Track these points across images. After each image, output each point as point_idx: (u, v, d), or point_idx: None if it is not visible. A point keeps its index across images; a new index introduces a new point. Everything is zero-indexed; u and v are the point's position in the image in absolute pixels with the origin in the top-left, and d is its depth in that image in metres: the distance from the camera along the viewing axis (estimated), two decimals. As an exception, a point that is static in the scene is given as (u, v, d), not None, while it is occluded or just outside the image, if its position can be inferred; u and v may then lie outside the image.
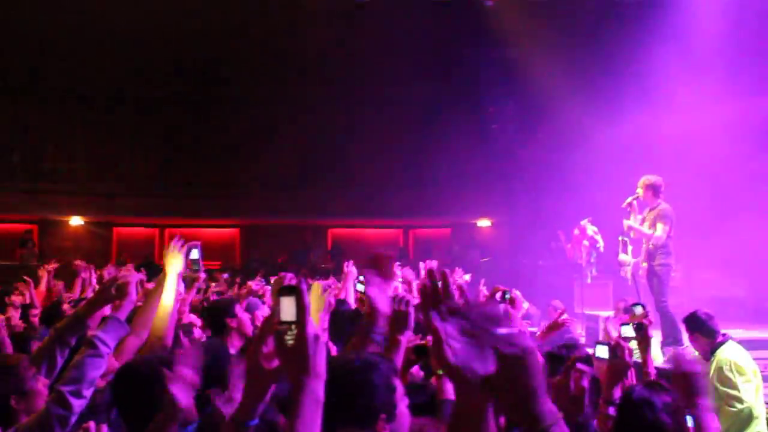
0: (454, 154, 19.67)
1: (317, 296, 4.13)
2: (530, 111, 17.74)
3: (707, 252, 11.39)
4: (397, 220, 22.39)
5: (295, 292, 1.77)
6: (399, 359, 2.79)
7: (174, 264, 4.06)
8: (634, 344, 6.92)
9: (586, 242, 13.03)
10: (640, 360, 4.37)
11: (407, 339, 2.86)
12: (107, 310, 3.56)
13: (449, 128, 19.80)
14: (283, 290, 1.80)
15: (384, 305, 2.68)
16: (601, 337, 8.86)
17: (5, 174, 20.31)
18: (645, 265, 8.49)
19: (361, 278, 7.23)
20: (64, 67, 19.75)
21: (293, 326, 1.75)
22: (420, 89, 19.82)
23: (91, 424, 2.62)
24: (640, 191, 8.48)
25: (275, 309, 1.81)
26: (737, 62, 11.97)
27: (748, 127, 12.23)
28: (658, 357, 7.24)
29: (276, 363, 1.84)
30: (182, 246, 4.16)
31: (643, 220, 8.51)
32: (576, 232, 13.28)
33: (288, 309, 1.77)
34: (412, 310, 2.80)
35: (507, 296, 5.11)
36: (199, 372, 2.57)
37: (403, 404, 2.38)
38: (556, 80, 15.12)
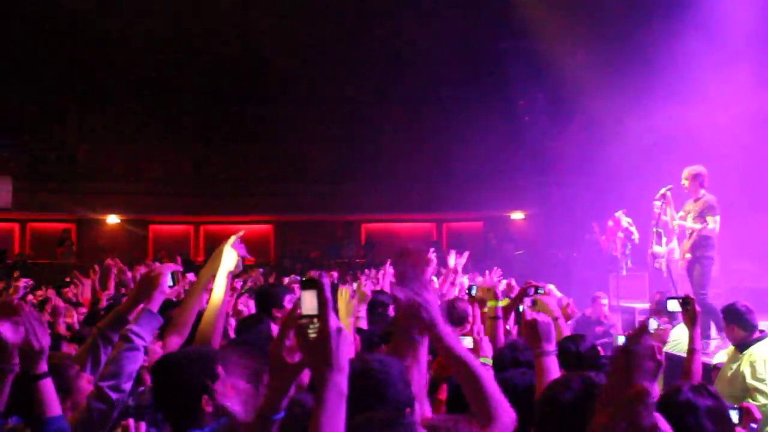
0: (486, 147, 19.60)
1: (345, 302, 4.17)
2: (561, 103, 17.63)
3: (742, 243, 11.25)
4: (430, 214, 22.39)
5: (317, 285, 1.74)
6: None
7: (227, 261, 3.85)
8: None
9: (620, 234, 12.95)
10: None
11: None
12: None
13: (481, 122, 19.74)
14: (304, 284, 1.77)
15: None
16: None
17: (43, 174, 20.66)
18: (689, 256, 8.36)
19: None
20: (101, 67, 20.01)
21: (315, 320, 1.73)
22: (451, 83, 19.78)
23: (131, 421, 2.65)
24: (686, 182, 8.33)
25: (297, 303, 1.77)
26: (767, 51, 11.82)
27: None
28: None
29: (299, 356, 1.82)
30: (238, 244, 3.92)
31: (686, 213, 8.41)
32: (610, 223, 13.20)
33: (310, 302, 1.74)
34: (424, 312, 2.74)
35: (540, 291, 5.07)
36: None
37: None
38: (586, 72, 15.00)
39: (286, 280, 11.39)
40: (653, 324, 5.78)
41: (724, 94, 12.03)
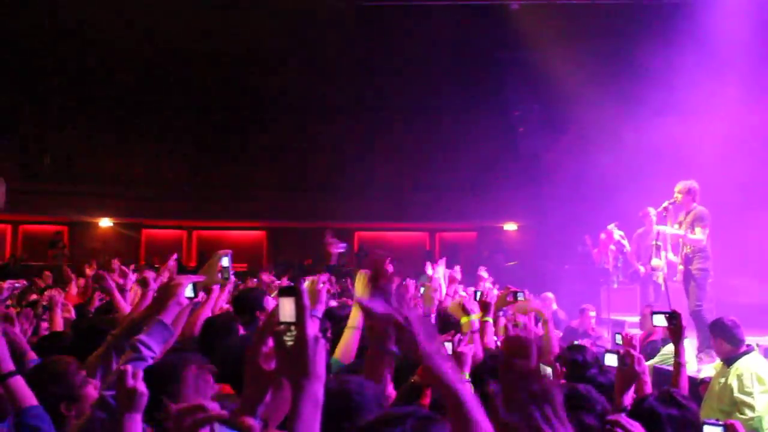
0: (480, 157, 19.64)
1: (363, 285, 4.15)
2: (556, 114, 17.66)
3: (733, 258, 11.26)
4: (423, 224, 22.39)
5: (295, 292, 1.72)
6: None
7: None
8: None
9: (612, 247, 12.97)
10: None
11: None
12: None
13: (475, 132, 19.78)
14: (282, 291, 1.76)
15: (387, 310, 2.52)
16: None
17: (36, 176, 20.60)
18: (681, 268, 8.39)
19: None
20: (97, 71, 20.01)
21: (293, 327, 1.71)
22: (446, 93, 19.81)
23: (129, 367, 2.65)
24: (678, 195, 8.40)
25: (276, 309, 1.75)
26: (762, 65, 11.87)
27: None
28: (692, 364, 7.18)
29: (275, 364, 1.80)
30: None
31: (679, 224, 8.45)
32: (602, 236, 13.22)
33: (287, 310, 1.72)
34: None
35: (519, 296, 5.08)
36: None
37: None
38: (581, 83, 15.04)
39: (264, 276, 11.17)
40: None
41: (717, 109, 12.08)
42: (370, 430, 1.75)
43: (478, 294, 5.27)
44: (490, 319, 4.67)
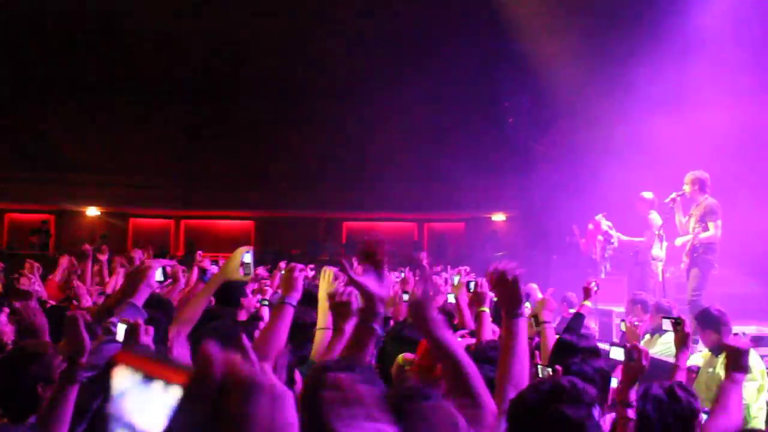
0: (469, 148, 19.64)
1: (328, 282, 4.16)
2: (545, 105, 17.68)
3: (721, 249, 11.32)
4: (412, 214, 22.42)
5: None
6: (341, 346, 2.86)
7: (231, 271, 3.99)
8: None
9: (600, 237, 12.99)
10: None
11: (351, 327, 2.86)
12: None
13: (464, 122, 19.76)
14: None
15: (378, 289, 2.50)
16: (616, 337, 8.86)
17: (24, 164, 20.49)
18: (686, 259, 8.40)
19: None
20: (85, 59, 19.88)
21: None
22: (434, 84, 19.79)
23: (140, 321, 2.78)
24: (687, 187, 8.41)
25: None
26: (754, 59, 11.92)
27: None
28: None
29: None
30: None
31: (689, 217, 8.47)
32: (590, 226, 13.24)
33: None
34: (354, 300, 2.88)
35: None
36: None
37: None
38: (571, 74, 15.06)
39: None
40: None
41: (707, 102, 12.13)
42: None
43: (472, 285, 5.29)
44: (486, 309, 4.70)
